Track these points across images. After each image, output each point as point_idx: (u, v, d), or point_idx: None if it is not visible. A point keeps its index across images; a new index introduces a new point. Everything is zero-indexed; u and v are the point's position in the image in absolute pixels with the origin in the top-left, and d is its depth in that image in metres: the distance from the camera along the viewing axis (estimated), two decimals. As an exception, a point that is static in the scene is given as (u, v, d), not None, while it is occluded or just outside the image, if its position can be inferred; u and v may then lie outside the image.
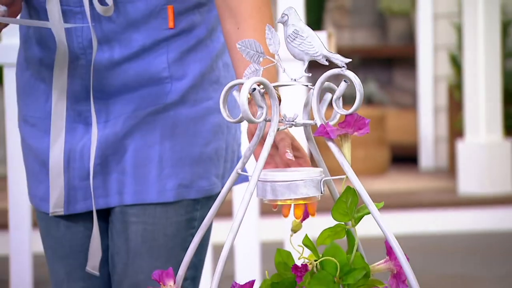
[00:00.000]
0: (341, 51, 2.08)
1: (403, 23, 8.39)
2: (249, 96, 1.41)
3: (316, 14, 8.38)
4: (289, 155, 1.59)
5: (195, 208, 1.86)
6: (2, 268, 3.88)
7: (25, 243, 3.78)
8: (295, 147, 1.63)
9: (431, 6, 7.83)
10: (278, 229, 3.68)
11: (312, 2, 7.64)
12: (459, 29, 7.07)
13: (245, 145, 1.72)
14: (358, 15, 8.87)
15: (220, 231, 2.53)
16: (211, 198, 1.82)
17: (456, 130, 6.92)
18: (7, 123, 3.87)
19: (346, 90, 1.48)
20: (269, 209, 1.67)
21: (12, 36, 3.87)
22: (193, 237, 1.84)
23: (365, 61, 8.48)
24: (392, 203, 6.04)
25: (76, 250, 1.92)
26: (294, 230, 1.55)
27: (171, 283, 1.52)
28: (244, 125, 1.71)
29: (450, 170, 7.17)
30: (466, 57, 6.36)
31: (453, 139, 6.86)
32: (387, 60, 8.42)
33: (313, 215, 1.56)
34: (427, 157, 7.85)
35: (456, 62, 7.28)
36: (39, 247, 2.70)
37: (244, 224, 3.58)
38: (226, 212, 2.84)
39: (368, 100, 8.57)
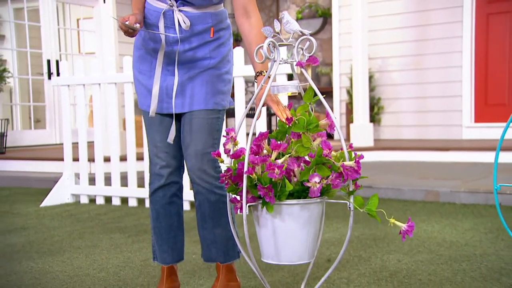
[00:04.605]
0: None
1: (327, 77, 8.27)
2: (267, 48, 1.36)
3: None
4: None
5: (220, 113, 1.78)
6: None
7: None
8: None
9: (338, 69, 7.72)
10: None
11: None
12: (351, 79, 6.97)
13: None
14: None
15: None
16: (227, 111, 1.72)
17: (350, 121, 6.84)
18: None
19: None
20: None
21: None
22: (219, 125, 1.76)
23: (311, 95, 8.36)
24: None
25: (165, 129, 1.80)
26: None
27: (230, 144, 1.45)
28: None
29: (347, 138, 7.09)
30: (354, 92, 6.23)
31: (349, 125, 6.77)
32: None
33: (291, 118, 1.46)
34: (337, 134, 7.73)
35: (350, 94, 7.19)
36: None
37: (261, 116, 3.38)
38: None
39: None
